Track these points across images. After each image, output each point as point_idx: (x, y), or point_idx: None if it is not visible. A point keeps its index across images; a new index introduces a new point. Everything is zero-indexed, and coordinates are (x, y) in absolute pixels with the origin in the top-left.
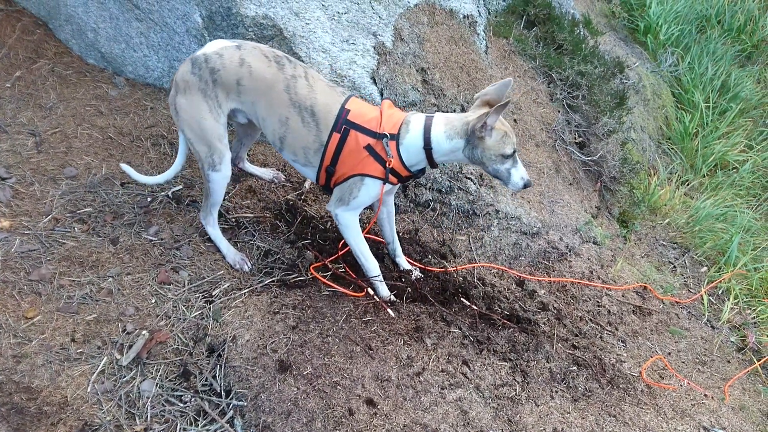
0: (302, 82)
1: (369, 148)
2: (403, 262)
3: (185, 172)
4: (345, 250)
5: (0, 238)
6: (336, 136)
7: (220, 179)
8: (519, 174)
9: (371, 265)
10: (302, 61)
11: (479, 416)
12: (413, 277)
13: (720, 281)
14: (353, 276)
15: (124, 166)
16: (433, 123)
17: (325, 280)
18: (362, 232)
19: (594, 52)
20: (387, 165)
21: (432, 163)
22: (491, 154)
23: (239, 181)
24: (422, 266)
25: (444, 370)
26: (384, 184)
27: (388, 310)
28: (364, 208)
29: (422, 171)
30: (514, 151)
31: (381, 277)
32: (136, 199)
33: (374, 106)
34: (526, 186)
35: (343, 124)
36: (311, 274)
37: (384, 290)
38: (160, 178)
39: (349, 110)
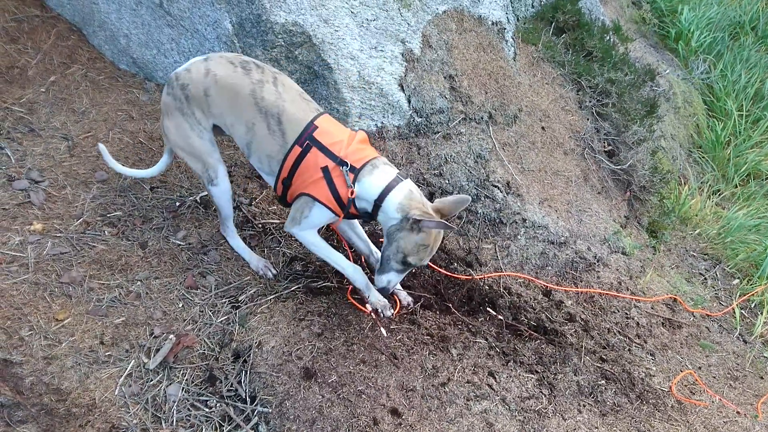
0: (269, 88)
1: (325, 170)
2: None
3: None
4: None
5: (33, 240)
6: (297, 150)
7: (220, 193)
8: (389, 278)
9: (351, 272)
10: (330, 68)
11: (505, 429)
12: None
13: (753, 294)
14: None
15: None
16: (397, 188)
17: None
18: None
19: (624, 59)
20: (350, 195)
21: (371, 217)
22: (402, 247)
23: (266, 187)
24: (448, 273)
25: (470, 381)
26: (329, 211)
27: (382, 329)
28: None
29: (369, 216)
30: (411, 265)
31: (368, 283)
32: (165, 204)
33: (345, 129)
34: (380, 290)
35: (307, 140)
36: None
37: (375, 295)
38: (145, 173)
39: (317, 127)
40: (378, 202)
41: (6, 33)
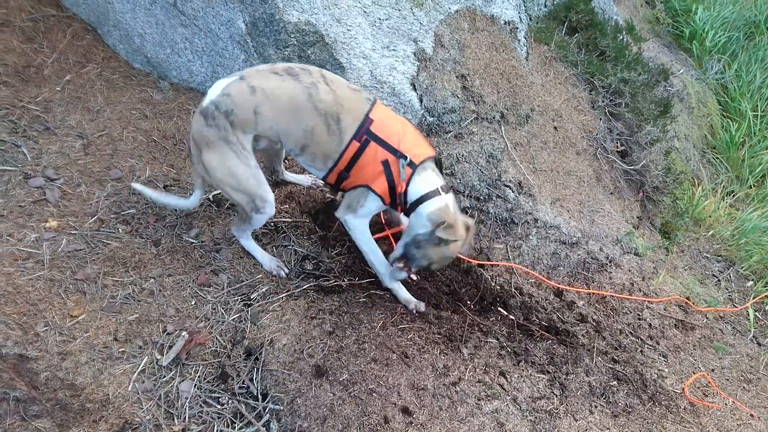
0: (324, 88)
1: (385, 164)
2: None
3: None
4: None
5: (48, 237)
6: (355, 145)
7: (263, 218)
8: (400, 277)
9: (383, 271)
10: (343, 67)
11: (516, 429)
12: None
13: (766, 296)
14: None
15: (137, 186)
16: (435, 199)
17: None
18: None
19: (637, 59)
20: (397, 189)
21: (405, 212)
22: (430, 256)
23: (278, 186)
24: (477, 261)
25: (480, 380)
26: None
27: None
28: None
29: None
30: (430, 270)
31: (399, 283)
32: None
33: (397, 117)
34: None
35: (365, 134)
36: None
37: (405, 294)
38: (186, 202)
39: (373, 120)
40: (414, 206)
41: (22, 32)
